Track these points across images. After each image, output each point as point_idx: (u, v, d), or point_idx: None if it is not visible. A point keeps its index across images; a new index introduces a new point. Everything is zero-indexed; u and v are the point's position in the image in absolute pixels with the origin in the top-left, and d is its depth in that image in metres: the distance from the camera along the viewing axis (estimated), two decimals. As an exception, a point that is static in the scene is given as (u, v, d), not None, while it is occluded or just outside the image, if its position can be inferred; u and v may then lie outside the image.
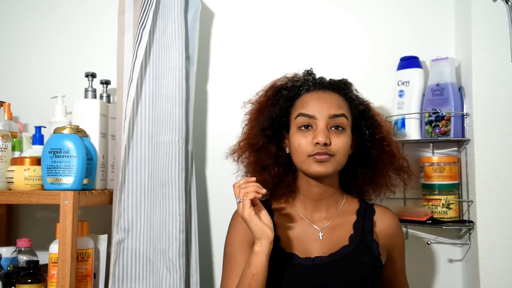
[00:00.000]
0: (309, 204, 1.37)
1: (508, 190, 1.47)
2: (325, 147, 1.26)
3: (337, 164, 1.29)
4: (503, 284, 1.45)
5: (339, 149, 1.27)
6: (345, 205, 1.39)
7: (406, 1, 1.76)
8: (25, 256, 1.53)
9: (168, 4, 1.61)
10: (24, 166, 1.45)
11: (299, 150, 1.29)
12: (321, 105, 1.30)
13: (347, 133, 1.31)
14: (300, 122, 1.31)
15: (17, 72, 1.90)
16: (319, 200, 1.35)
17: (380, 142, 1.37)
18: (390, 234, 1.36)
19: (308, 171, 1.29)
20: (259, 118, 1.41)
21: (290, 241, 1.32)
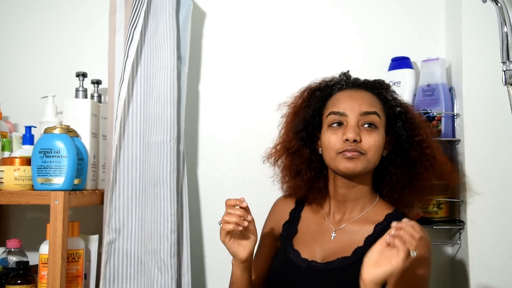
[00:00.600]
0: (334, 204, 1.34)
1: (498, 190, 1.47)
2: (355, 144, 1.23)
3: (368, 163, 1.25)
4: (492, 283, 1.45)
5: (370, 147, 1.24)
6: (372, 212, 1.31)
7: (397, 2, 1.76)
8: (15, 257, 1.52)
9: (160, 4, 1.61)
10: (14, 166, 1.45)
11: (328, 147, 1.27)
12: (352, 102, 1.28)
13: (379, 132, 1.27)
14: (331, 120, 1.29)
15: (7, 71, 1.89)
16: (343, 202, 1.32)
17: (419, 144, 1.32)
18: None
19: (337, 168, 1.25)
20: (294, 121, 1.40)
21: (304, 238, 1.33)
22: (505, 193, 1.46)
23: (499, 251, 1.46)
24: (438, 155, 1.34)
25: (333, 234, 1.30)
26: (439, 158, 1.34)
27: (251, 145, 1.53)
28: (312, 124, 1.35)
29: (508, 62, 1.27)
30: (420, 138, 1.33)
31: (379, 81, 1.38)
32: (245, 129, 1.77)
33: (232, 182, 1.77)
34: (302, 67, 1.77)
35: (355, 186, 1.30)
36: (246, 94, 1.79)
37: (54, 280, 1.34)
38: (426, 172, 1.31)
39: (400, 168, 1.32)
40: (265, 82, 1.78)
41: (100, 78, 1.72)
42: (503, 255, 1.45)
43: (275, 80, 1.76)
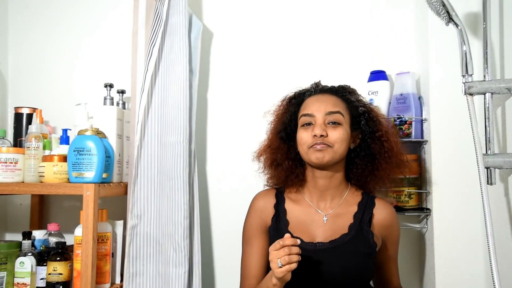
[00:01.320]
0: (315, 193, 1.35)
1: (459, 183, 1.47)
2: (322, 138, 1.26)
3: (334, 153, 1.27)
4: (453, 259, 1.46)
5: (336, 139, 1.27)
6: (348, 196, 1.36)
7: (375, 26, 1.75)
8: (54, 238, 1.53)
9: (175, 25, 1.60)
10: (53, 162, 1.47)
11: (301, 143, 1.30)
12: (318, 104, 1.31)
13: (343, 127, 1.29)
14: (303, 121, 1.32)
15: (48, 84, 1.90)
16: (325, 190, 1.34)
17: (379, 139, 1.35)
18: (386, 225, 1.33)
19: (310, 159, 1.28)
20: (276, 125, 1.43)
21: (297, 226, 1.31)
22: (464, 186, 1.46)
23: (459, 233, 1.47)
24: (395, 148, 1.36)
25: (325, 218, 1.32)
26: (396, 151, 1.36)
27: (252, 145, 1.53)
28: (290, 126, 1.37)
29: (467, 75, 1.29)
30: (380, 133, 1.35)
31: (343, 86, 1.40)
32: (247, 131, 1.77)
33: (235, 176, 1.77)
34: (293, 78, 1.74)
35: (331, 175, 1.32)
36: (248, 101, 1.80)
37: (87, 257, 1.36)
38: (385, 163, 1.35)
39: (364, 160, 1.36)
40: (263, 90, 1.79)
41: (124, 88, 1.72)
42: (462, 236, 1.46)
43: (271, 89, 1.75)
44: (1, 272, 1.45)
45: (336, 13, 1.79)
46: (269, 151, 1.42)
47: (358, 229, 1.29)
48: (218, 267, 1.78)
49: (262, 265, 1.35)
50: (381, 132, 1.36)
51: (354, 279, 1.25)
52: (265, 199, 1.40)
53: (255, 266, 1.34)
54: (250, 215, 1.40)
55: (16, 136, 1.69)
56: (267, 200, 1.39)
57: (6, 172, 1.47)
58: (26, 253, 1.47)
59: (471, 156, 1.28)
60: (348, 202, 1.35)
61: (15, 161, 1.49)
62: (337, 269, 1.24)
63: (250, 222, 1.39)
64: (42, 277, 1.46)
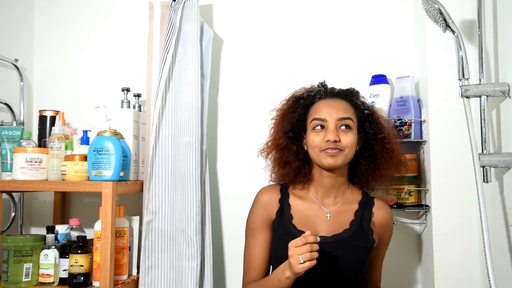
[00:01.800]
0: (320, 191, 1.35)
1: (456, 180, 1.47)
2: (335, 144, 1.25)
3: (346, 157, 1.28)
4: (451, 253, 1.46)
5: (347, 144, 1.27)
6: (350, 195, 1.36)
7: (376, 32, 1.76)
8: (76, 232, 1.54)
9: (187, 33, 1.61)
10: (74, 161, 1.47)
11: (313, 146, 1.29)
12: (330, 110, 1.30)
13: (353, 132, 1.29)
14: (315, 124, 1.30)
15: (69, 88, 1.92)
16: (330, 188, 1.34)
17: (382, 140, 1.35)
18: (383, 225, 1.34)
19: (321, 163, 1.28)
20: (282, 123, 1.40)
21: (301, 220, 1.31)
22: (461, 183, 1.46)
23: (456, 228, 1.47)
24: (396, 149, 1.37)
25: (328, 214, 1.32)
26: (396, 152, 1.37)
27: (260, 145, 1.55)
28: (298, 127, 1.36)
29: (463, 79, 1.29)
30: (382, 135, 1.35)
31: (350, 89, 1.39)
32: (255, 132, 1.74)
33: (244, 174, 1.77)
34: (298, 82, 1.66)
35: (337, 176, 1.33)
36: (256, 103, 1.79)
37: (106, 251, 1.37)
38: (386, 163, 1.35)
39: (367, 160, 1.36)
40: (270, 94, 1.77)
41: (140, 92, 1.74)
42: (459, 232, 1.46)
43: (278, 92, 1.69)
44: (27, 263, 1.47)
45: (339, 20, 1.80)
46: (277, 150, 1.40)
47: (359, 225, 1.30)
48: (228, 260, 1.78)
49: (265, 257, 1.35)
50: (383, 134, 1.36)
51: (354, 271, 1.26)
52: (270, 193, 1.39)
53: (259, 258, 1.34)
54: (255, 209, 1.39)
55: (41, 137, 1.71)
56: (272, 194, 1.38)
57: (31, 170, 1.49)
58: (50, 246, 1.49)
59: (468, 155, 1.28)
60: (349, 201, 1.35)
61: (40, 161, 1.51)
62: (339, 261, 1.24)
63: (255, 216, 1.38)
64: (64, 268, 1.47)
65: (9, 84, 1.81)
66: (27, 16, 1.94)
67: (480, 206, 1.20)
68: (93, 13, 1.94)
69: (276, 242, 1.33)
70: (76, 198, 1.88)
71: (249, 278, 1.35)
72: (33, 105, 1.93)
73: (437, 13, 1.30)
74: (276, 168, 1.42)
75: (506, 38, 1.28)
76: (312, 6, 1.82)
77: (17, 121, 1.77)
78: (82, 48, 1.94)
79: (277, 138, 1.40)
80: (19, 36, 1.89)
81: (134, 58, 1.87)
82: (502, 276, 1.29)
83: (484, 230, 1.18)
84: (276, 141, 1.40)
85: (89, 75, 1.92)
